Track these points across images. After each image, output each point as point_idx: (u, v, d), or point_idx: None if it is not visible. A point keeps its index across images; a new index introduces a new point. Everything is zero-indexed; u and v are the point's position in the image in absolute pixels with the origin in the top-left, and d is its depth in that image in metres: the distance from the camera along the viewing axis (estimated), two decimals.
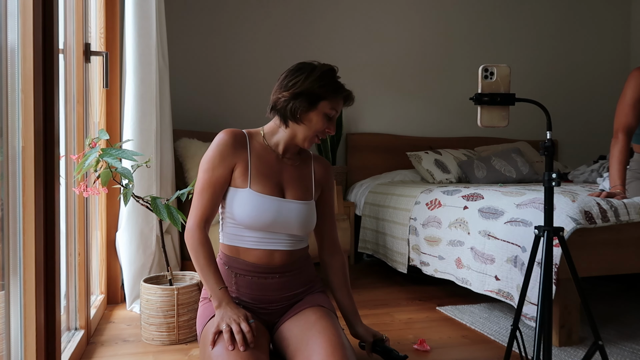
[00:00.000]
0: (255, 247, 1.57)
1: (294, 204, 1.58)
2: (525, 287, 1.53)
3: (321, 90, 1.53)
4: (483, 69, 1.42)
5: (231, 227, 1.59)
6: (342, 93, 1.58)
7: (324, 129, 1.57)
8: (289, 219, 1.56)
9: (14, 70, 1.24)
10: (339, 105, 1.58)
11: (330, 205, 1.77)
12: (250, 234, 1.56)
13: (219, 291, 1.49)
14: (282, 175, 1.61)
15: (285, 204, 1.57)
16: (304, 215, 1.60)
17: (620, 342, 2.04)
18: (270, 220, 1.54)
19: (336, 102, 1.57)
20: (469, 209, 2.45)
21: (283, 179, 1.61)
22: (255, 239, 1.57)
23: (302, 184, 1.64)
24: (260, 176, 1.57)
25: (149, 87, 2.44)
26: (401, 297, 2.77)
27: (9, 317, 1.23)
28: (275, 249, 1.58)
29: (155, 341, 2.03)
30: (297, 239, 1.62)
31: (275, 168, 1.61)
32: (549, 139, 1.40)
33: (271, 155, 1.62)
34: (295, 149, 1.66)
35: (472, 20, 4.43)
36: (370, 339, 1.73)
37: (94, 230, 2.42)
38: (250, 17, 3.89)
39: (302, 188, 1.63)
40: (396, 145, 4.11)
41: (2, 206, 1.21)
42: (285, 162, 1.64)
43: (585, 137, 4.66)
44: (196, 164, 2.84)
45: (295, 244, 1.62)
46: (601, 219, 1.96)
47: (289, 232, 1.59)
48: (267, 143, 1.63)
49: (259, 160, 1.59)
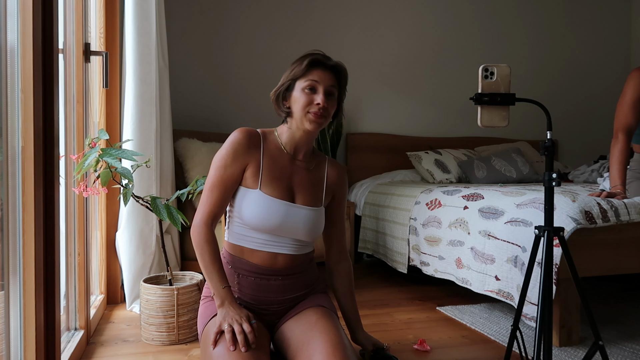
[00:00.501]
0: (260, 249, 1.56)
1: (302, 210, 1.57)
2: (525, 287, 1.53)
3: (292, 74, 1.55)
4: (483, 69, 1.42)
5: (238, 226, 1.58)
6: (305, 60, 1.54)
7: (312, 102, 1.51)
8: (296, 224, 1.55)
9: (14, 70, 1.24)
10: (312, 74, 1.53)
11: (341, 211, 1.74)
12: (256, 235, 1.56)
13: (222, 290, 1.48)
14: (293, 178, 1.59)
15: (293, 209, 1.56)
16: (312, 221, 1.58)
17: (621, 342, 2.04)
18: (277, 223, 1.53)
19: (307, 73, 1.53)
20: (469, 209, 2.45)
21: (294, 182, 1.59)
22: (261, 241, 1.56)
23: (313, 190, 1.62)
24: (271, 178, 1.55)
25: (149, 87, 2.44)
26: (401, 297, 2.77)
27: (9, 317, 1.23)
28: (279, 252, 1.57)
29: (155, 341, 2.03)
30: (302, 244, 1.61)
31: (287, 171, 1.59)
32: (549, 139, 1.40)
33: (284, 157, 1.60)
34: (307, 148, 1.63)
35: (472, 20, 4.43)
36: (370, 348, 1.74)
37: (93, 230, 2.42)
38: (250, 17, 3.89)
39: (312, 194, 1.61)
40: (396, 145, 4.11)
41: (2, 206, 1.21)
42: (298, 165, 1.61)
43: (585, 137, 4.66)
44: (196, 164, 2.84)
45: (300, 249, 1.61)
46: (601, 219, 1.96)
47: (295, 237, 1.58)
48: (281, 142, 1.62)
49: (272, 161, 1.58)
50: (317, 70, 1.54)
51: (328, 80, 1.54)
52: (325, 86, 1.53)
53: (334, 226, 1.74)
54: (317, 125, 1.53)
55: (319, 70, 1.54)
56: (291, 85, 1.56)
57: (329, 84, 1.54)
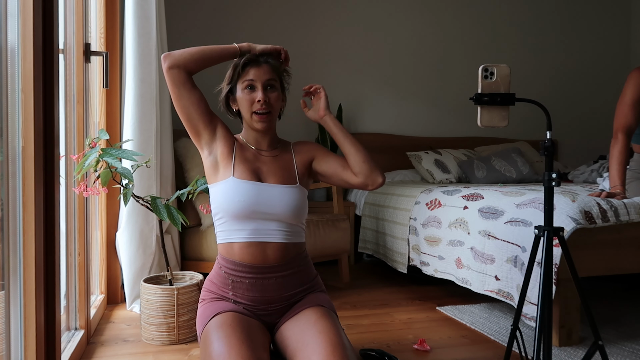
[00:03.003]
0: (249, 240, 1.56)
1: (275, 187, 1.59)
2: (525, 287, 1.53)
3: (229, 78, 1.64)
4: (483, 69, 1.42)
5: (223, 223, 1.60)
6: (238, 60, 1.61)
7: (253, 101, 1.58)
8: (272, 200, 1.57)
9: (14, 70, 1.24)
10: (247, 74, 1.60)
11: (330, 156, 1.71)
12: (241, 227, 1.57)
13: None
14: (262, 168, 1.63)
15: (266, 187, 1.59)
16: (289, 197, 1.59)
17: (620, 342, 2.04)
18: (253, 201, 1.55)
19: (242, 73, 1.60)
20: (469, 209, 2.45)
21: (263, 171, 1.63)
22: (247, 232, 1.56)
23: (284, 172, 1.64)
24: (241, 167, 1.60)
25: (149, 87, 2.44)
26: (401, 297, 2.77)
27: (9, 317, 1.23)
28: (268, 241, 1.57)
29: (155, 341, 2.03)
30: (289, 230, 1.60)
31: (254, 163, 1.63)
32: (549, 139, 1.40)
33: (251, 152, 1.66)
34: (269, 139, 1.68)
35: (473, 20, 4.43)
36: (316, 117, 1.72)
37: (94, 230, 2.42)
38: (250, 17, 3.89)
39: (284, 174, 1.64)
40: (396, 145, 4.11)
41: (2, 206, 1.21)
42: (264, 156, 1.66)
43: (585, 137, 4.66)
44: (196, 164, 2.84)
45: (289, 236, 1.60)
46: (601, 219, 1.96)
47: (278, 219, 1.58)
48: (245, 141, 1.68)
49: (241, 154, 1.64)
50: (252, 68, 1.60)
51: (264, 75, 1.60)
52: (262, 82, 1.59)
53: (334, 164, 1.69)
54: (264, 124, 1.61)
55: (253, 68, 1.60)
56: (233, 88, 1.64)
57: (266, 78, 1.60)
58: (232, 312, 1.53)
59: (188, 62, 1.61)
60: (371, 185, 1.67)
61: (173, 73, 1.60)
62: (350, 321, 2.32)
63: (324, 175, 1.70)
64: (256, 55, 1.62)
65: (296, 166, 1.67)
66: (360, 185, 1.67)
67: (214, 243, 2.67)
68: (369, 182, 1.66)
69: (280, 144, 1.72)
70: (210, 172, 1.63)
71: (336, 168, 1.68)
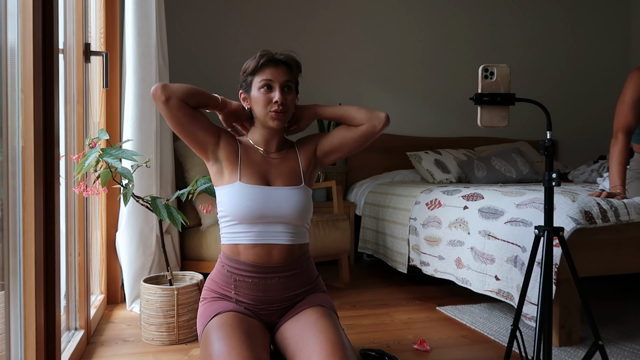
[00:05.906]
0: (255, 242, 1.57)
1: (282, 190, 1.59)
2: (525, 287, 1.53)
3: (247, 74, 1.61)
4: (483, 69, 1.42)
5: (230, 225, 1.59)
6: (258, 59, 1.59)
7: (271, 101, 1.57)
8: (279, 203, 1.57)
9: (14, 70, 1.24)
10: (265, 73, 1.58)
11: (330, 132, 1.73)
12: (248, 229, 1.57)
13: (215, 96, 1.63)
14: (270, 171, 1.63)
15: (273, 190, 1.59)
16: (295, 198, 1.59)
17: (620, 342, 2.04)
18: (261, 207, 1.55)
19: (260, 71, 1.58)
20: (469, 209, 2.45)
21: (270, 174, 1.62)
22: (254, 234, 1.57)
23: (290, 174, 1.65)
24: (248, 171, 1.60)
25: (149, 87, 2.44)
26: (401, 297, 2.77)
27: (9, 317, 1.23)
28: (274, 243, 1.58)
29: (155, 341, 2.03)
30: (295, 231, 1.61)
31: (263, 166, 1.63)
32: (549, 139, 1.40)
33: (258, 155, 1.65)
34: (278, 140, 1.67)
35: (473, 20, 4.43)
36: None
37: (94, 230, 2.42)
38: (249, 17, 3.89)
39: (290, 176, 1.64)
40: (396, 145, 4.11)
41: (2, 206, 1.21)
42: (272, 159, 1.66)
43: (585, 137, 4.66)
44: (196, 164, 2.84)
45: (294, 238, 1.61)
46: (601, 219, 1.96)
47: (285, 221, 1.58)
48: (253, 143, 1.67)
49: (248, 158, 1.63)
50: (269, 68, 1.58)
51: (282, 76, 1.58)
52: (280, 83, 1.58)
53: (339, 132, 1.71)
54: (280, 122, 1.59)
55: (271, 67, 1.58)
56: (249, 85, 1.62)
57: (284, 80, 1.59)
58: (232, 312, 1.53)
59: (184, 95, 1.55)
60: (378, 124, 1.72)
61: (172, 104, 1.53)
62: (350, 321, 2.32)
63: (333, 149, 1.71)
64: (274, 54, 1.61)
65: (301, 164, 1.68)
66: (368, 130, 1.71)
67: (214, 243, 2.67)
68: (375, 122, 1.72)
69: (287, 144, 1.72)
70: (216, 177, 1.64)
71: (340, 134, 1.71)
